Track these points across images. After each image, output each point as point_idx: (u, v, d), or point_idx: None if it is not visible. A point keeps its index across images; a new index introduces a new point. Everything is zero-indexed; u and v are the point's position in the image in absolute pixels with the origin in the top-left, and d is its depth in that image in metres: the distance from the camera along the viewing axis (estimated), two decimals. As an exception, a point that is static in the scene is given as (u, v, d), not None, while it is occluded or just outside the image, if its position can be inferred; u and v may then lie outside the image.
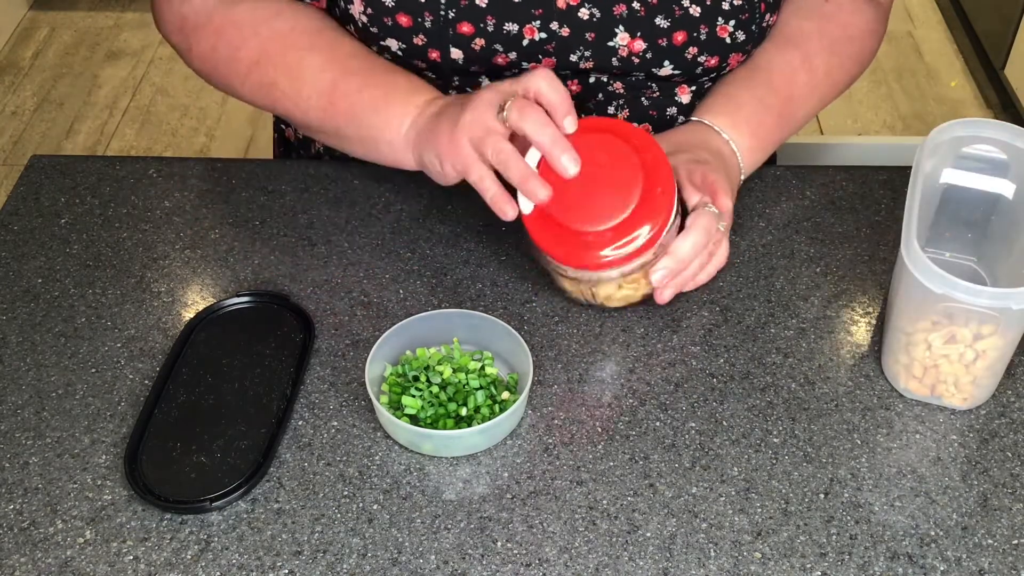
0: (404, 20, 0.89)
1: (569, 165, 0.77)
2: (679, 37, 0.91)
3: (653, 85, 0.97)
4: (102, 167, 1.01)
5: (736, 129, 0.91)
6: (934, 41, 2.89)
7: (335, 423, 0.78)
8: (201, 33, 0.92)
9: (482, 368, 0.79)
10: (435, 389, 0.77)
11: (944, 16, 2.97)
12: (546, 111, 0.78)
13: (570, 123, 0.79)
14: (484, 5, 0.88)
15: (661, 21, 0.90)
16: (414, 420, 0.76)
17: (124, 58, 2.83)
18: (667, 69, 0.93)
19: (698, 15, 0.90)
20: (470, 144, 0.79)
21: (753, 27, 0.93)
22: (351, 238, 0.93)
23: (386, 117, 0.87)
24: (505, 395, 0.78)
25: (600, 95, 0.96)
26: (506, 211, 0.79)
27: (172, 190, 0.98)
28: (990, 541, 0.71)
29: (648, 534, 0.71)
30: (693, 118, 0.93)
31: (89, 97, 2.69)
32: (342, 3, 0.92)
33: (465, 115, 0.79)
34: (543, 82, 0.78)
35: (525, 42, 0.90)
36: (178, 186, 0.99)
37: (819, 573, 0.69)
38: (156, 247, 0.93)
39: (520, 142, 0.79)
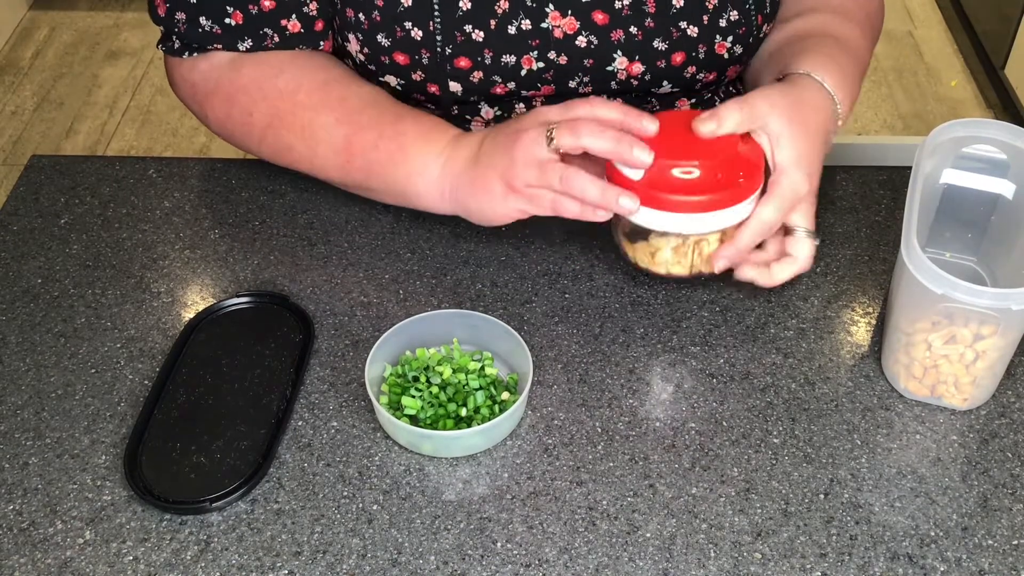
0: (401, 58, 0.89)
1: (643, 156, 0.75)
2: (678, 58, 0.91)
3: (653, 100, 0.97)
4: (102, 167, 1.01)
5: (838, 88, 0.84)
6: (934, 41, 2.89)
7: (335, 423, 0.78)
8: (213, 100, 0.91)
9: (482, 368, 0.79)
10: (435, 390, 0.77)
11: (944, 16, 2.97)
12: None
13: (649, 124, 0.76)
14: (480, 39, 0.87)
15: (659, 43, 0.90)
16: (414, 420, 0.76)
17: (124, 58, 2.83)
18: (666, 88, 0.94)
19: (696, 35, 0.90)
20: (529, 183, 0.77)
21: (751, 39, 0.93)
22: (351, 238, 0.93)
23: (407, 171, 0.85)
24: (505, 395, 0.78)
25: None
26: (598, 216, 0.77)
27: (172, 190, 0.98)
28: (990, 542, 0.71)
29: (648, 534, 0.71)
30: (799, 71, 0.84)
31: (89, 97, 2.69)
32: (339, 39, 0.92)
33: (516, 155, 0.77)
34: (598, 109, 0.77)
35: (523, 72, 0.90)
36: (178, 186, 0.99)
37: (819, 573, 0.69)
38: (156, 247, 0.93)
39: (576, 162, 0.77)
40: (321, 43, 0.92)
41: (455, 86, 0.90)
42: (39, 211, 0.96)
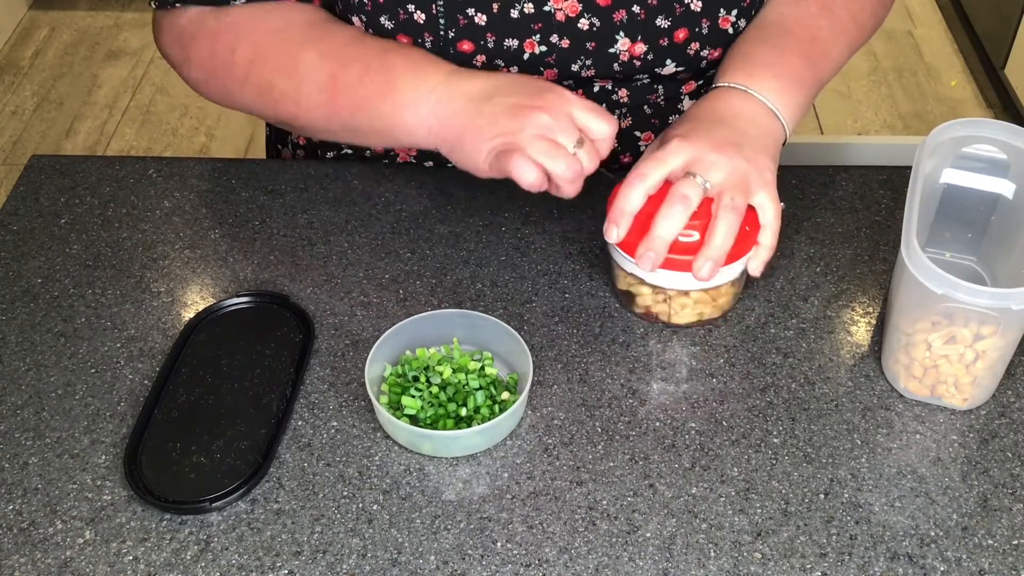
0: (404, 41, 0.89)
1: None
2: (680, 35, 0.90)
3: (659, 88, 0.96)
4: (102, 167, 1.01)
5: (755, 77, 0.85)
6: (934, 41, 2.89)
7: (335, 423, 0.78)
8: (199, 40, 0.90)
9: (482, 368, 0.79)
10: (435, 389, 0.77)
11: (944, 16, 2.97)
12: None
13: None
14: (483, 23, 0.87)
15: (662, 21, 0.89)
16: (414, 420, 0.76)
17: (124, 58, 2.83)
18: (670, 67, 0.93)
19: (699, 10, 0.90)
20: (535, 156, 0.77)
21: (754, 12, 0.92)
22: (351, 238, 0.93)
23: (395, 104, 0.83)
24: (505, 395, 0.78)
25: (604, 104, 0.96)
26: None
27: (172, 190, 0.98)
28: (990, 541, 0.71)
29: (648, 534, 0.71)
30: (713, 85, 0.87)
31: (89, 97, 2.69)
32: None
33: (526, 126, 0.77)
34: (607, 131, 0.79)
35: (526, 56, 0.89)
36: (178, 186, 0.99)
37: (819, 573, 0.69)
38: (156, 247, 0.93)
39: None
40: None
41: None
42: (39, 211, 0.96)
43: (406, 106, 0.82)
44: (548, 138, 0.77)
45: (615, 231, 0.79)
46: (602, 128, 0.78)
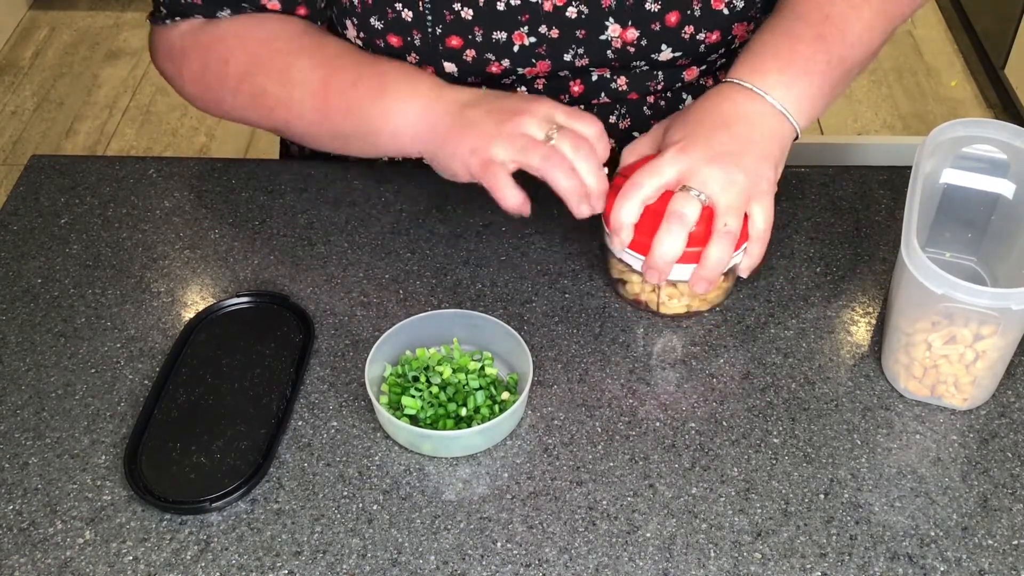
0: (395, 40, 0.89)
1: (597, 206, 0.79)
2: (672, 18, 0.89)
3: (659, 74, 0.95)
4: (102, 167, 1.01)
5: (759, 72, 0.81)
6: (934, 41, 2.89)
7: (335, 423, 0.78)
8: (190, 55, 0.90)
9: (482, 368, 0.79)
10: (435, 389, 0.77)
11: (944, 16, 2.97)
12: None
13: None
14: (470, 17, 0.87)
15: (651, 5, 0.88)
16: (414, 420, 0.76)
17: (124, 58, 2.83)
18: (667, 53, 0.91)
19: None
20: (504, 160, 0.78)
21: None
22: (351, 238, 0.93)
23: (384, 106, 0.84)
24: (505, 395, 0.78)
25: (603, 94, 0.96)
26: (582, 210, 0.79)
27: (172, 190, 0.98)
28: (990, 541, 0.71)
29: (648, 534, 0.71)
30: (722, 80, 0.83)
31: (89, 97, 2.69)
32: (338, 28, 0.92)
33: (505, 128, 0.78)
34: (593, 131, 0.79)
35: (516, 48, 0.89)
36: (178, 186, 0.99)
37: (819, 573, 0.69)
38: (156, 247, 0.93)
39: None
40: None
41: (450, 67, 0.90)
42: (39, 211, 0.96)
43: (395, 109, 0.84)
44: (522, 134, 0.78)
45: (618, 241, 0.80)
46: (586, 129, 0.79)
